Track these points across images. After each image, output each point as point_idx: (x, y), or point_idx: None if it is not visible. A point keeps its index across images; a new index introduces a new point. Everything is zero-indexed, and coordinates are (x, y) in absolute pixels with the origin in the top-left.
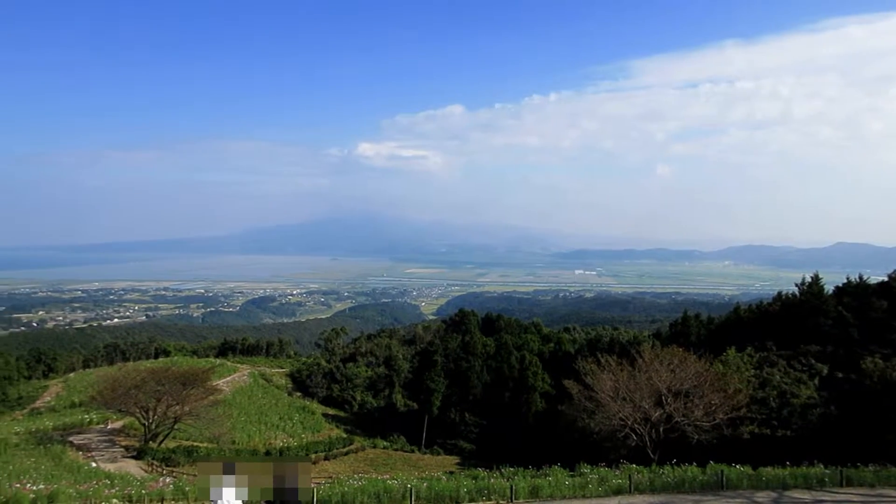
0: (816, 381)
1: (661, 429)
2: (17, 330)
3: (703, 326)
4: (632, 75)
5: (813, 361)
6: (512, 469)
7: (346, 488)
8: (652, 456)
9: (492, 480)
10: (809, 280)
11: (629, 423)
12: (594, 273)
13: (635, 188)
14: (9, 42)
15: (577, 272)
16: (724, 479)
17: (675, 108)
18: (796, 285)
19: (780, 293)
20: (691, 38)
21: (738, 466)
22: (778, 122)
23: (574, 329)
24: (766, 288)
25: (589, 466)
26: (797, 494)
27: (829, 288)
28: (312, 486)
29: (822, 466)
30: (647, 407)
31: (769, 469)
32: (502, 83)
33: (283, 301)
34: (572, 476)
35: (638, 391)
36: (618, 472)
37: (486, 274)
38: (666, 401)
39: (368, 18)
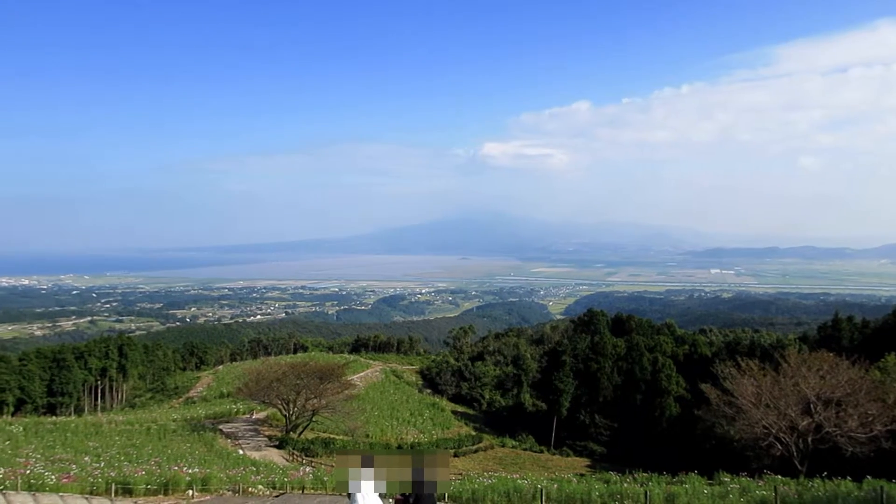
0: None
1: (810, 439)
2: (172, 325)
3: (856, 330)
4: (771, 63)
5: None
6: (645, 474)
7: (476, 486)
8: (799, 468)
9: (625, 485)
10: None
11: (773, 431)
12: (732, 272)
13: (776, 182)
14: (154, 53)
15: (712, 271)
16: (885, 496)
17: (821, 95)
18: None
19: None
20: (839, 20)
21: None
22: None
23: (710, 331)
24: None
25: (729, 475)
26: None
27: None
28: (452, 479)
29: None
30: (793, 415)
31: None
32: (630, 77)
33: (413, 300)
34: (711, 485)
35: (783, 398)
36: (761, 484)
37: (616, 273)
38: (815, 409)
39: (490, 13)
